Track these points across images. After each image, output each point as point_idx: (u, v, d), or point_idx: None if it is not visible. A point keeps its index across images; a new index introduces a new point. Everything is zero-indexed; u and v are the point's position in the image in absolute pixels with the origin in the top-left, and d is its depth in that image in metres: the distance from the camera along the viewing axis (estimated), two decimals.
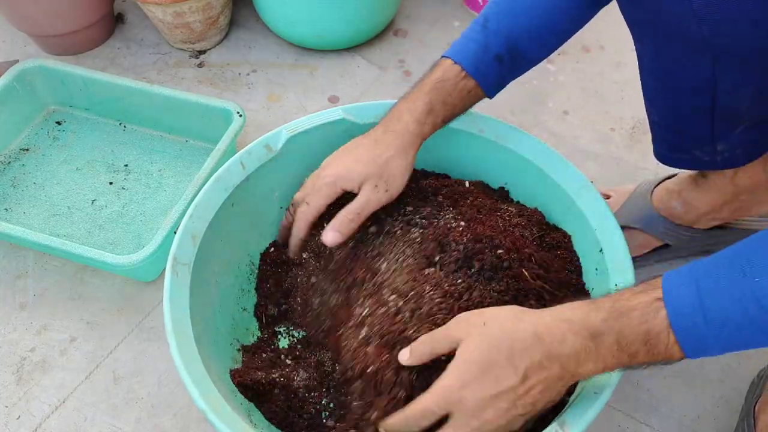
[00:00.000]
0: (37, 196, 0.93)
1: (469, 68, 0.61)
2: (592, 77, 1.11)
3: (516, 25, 0.61)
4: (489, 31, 0.61)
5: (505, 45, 0.61)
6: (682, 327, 0.41)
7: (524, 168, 0.72)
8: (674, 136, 0.66)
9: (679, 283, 0.42)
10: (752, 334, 0.40)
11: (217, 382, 0.56)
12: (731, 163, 0.66)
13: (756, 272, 0.39)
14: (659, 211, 0.80)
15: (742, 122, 0.60)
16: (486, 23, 0.62)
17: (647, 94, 0.66)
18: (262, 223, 0.75)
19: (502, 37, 0.61)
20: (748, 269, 0.39)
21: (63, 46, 1.13)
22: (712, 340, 0.40)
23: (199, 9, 1.06)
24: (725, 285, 0.40)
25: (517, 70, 0.64)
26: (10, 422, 0.74)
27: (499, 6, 0.62)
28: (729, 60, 0.52)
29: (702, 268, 0.42)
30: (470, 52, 0.61)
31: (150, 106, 0.97)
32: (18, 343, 0.80)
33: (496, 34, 0.61)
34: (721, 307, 0.40)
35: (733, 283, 0.40)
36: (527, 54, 0.63)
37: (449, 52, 0.63)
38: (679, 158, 0.69)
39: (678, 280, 0.42)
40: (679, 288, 0.41)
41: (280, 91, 1.10)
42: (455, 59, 0.62)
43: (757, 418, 0.67)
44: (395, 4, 1.14)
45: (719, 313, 0.40)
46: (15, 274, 0.87)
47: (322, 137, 0.73)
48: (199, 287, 0.62)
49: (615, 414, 0.74)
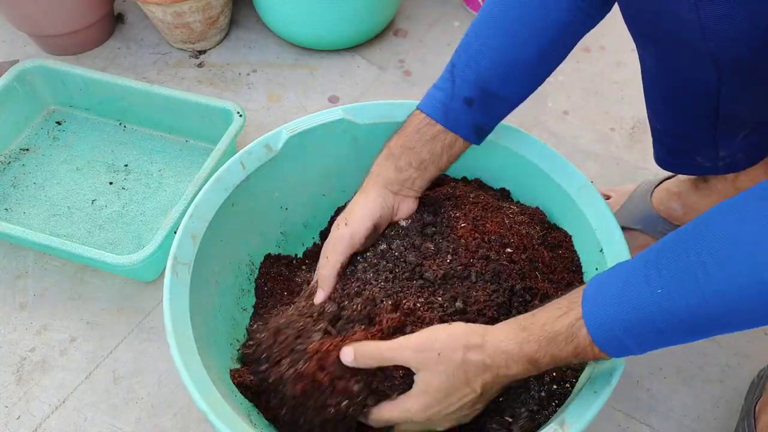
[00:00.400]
0: (37, 196, 0.93)
1: (434, 114, 0.61)
2: (592, 77, 1.11)
3: (483, 67, 0.60)
4: (456, 76, 0.61)
5: (472, 88, 0.60)
6: (602, 340, 0.45)
7: (524, 168, 0.71)
8: (676, 142, 0.67)
9: (597, 299, 0.46)
10: (667, 339, 0.44)
11: (217, 383, 0.56)
12: (732, 168, 0.66)
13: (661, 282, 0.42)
14: (659, 212, 0.80)
15: (744, 128, 0.60)
16: (453, 69, 0.61)
17: (649, 101, 0.66)
18: (262, 223, 0.75)
19: (467, 81, 0.60)
20: (654, 278, 0.42)
21: (63, 46, 1.13)
22: (633, 346, 0.45)
23: (199, 9, 1.06)
24: (635, 296, 0.43)
25: (495, 111, 0.63)
26: (10, 422, 0.74)
27: (466, 53, 0.61)
28: (734, 70, 0.52)
29: (616, 277, 0.46)
30: (436, 100, 0.62)
31: (150, 106, 0.97)
32: (18, 343, 0.80)
33: (462, 79, 0.61)
34: (634, 318, 0.43)
35: (641, 294, 0.43)
36: (500, 93, 0.61)
37: (420, 103, 0.63)
38: (680, 164, 0.69)
39: (596, 296, 0.46)
40: (596, 304, 0.45)
41: (280, 91, 1.10)
42: (421, 108, 0.62)
43: (757, 418, 0.67)
44: (395, 4, 1.14)
45: (633, 324, 0.43)
46: (15, 274, 0.87)
47: (322, 137, 0.73)
48: (199, 287, 0.62)
49: (615, 414, 0.74)
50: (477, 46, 0.60)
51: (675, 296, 0.41)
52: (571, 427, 0.51)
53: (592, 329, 0.45)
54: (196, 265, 0.62)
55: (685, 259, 0.41)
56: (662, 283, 0.42)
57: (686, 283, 0.41)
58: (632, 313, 0.43)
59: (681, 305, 0.41)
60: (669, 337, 0.43)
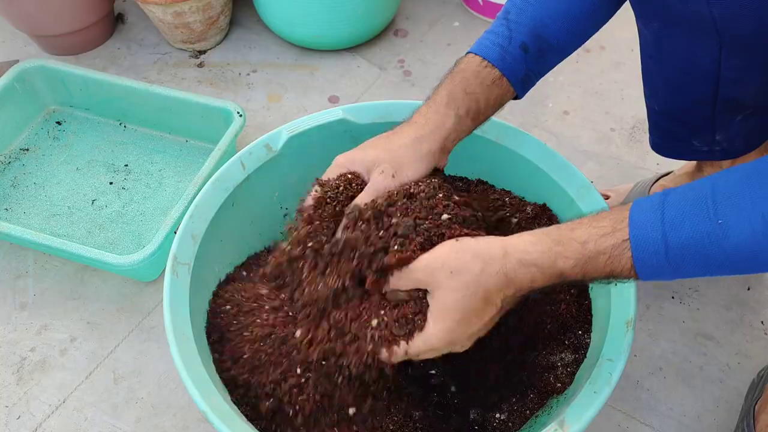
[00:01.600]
0: (37, 196, 0.93)
1: (491, 58, 0.57)
2: (592, 77, 1.11)
3: (539, 13, 0.58)
4: (511, 21, 0.58)
5: (529, 33, 0.58)
6: (644, 266, 0.43)
7: (524, 168, 0.71)
8: (673, 124, 0.66)
9: (645, 221, 0.43)
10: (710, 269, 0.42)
11: (217, 383, 0.56)
12: (729, 153, 0.65)
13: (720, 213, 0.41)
14: None
15: (742, 111, 0.60)
16: (507, 15, 0.59)
17: (648, 82, 0.65)
18: (262, 223, 0.75)
19: (524, 25, 0.58)
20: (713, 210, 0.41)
21: (63, 46, 1.13)
22: (670, 273, 0.43)
23: (199, 9, 1.06)
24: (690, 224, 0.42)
25: (546, 60, 0.61)
26: (10, 422, 0.74)
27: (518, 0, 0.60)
28: (734, 46, 0.52)
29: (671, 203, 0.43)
30: (492, 43, 0.58)
31: (150, 106, 0.97)
32: (18, 343, 0.80)
33: (518, 24, 0.58)
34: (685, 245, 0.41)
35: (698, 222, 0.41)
36: (553, 41, 0.59)
37: (473, 47, 0.59)
38: (676, 148, 0.68)
39: (644, 218, 0.43)
40: (646, 227, 0.43)
41: (280, 91, 1.10)
42: (476, 51, 0.58)
43: (757, 418, 0.67)
44: (395, 4, 1.14)
45: (681, 252, 0.42)
46: (15, 274, 0.87)
47: (322, 137, 0.73)
48: (199, 287, 0.62)
49: (615, 414, 0.74)
50: None
51: (732, 229, 0.40)
52: (571, 427, 0.51)
53: (636, 255, 0.43)
54: (196, 265, 0.62)
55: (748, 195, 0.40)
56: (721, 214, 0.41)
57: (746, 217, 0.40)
58: (686, 239, 0.41)
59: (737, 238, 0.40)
60: (712, 269, 0.42)
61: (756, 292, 0.84)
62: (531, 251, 0.46)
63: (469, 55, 0.59)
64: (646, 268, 0.43)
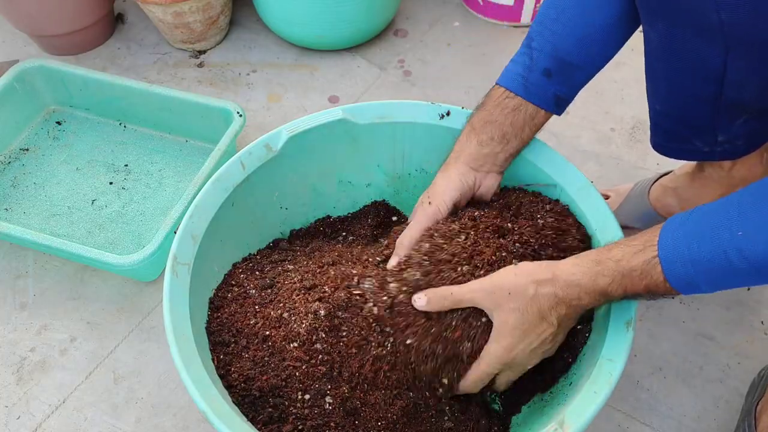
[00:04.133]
0: (37, 196, 0.93)
1: (512, 87, 0.62)
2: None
3: (557, 39, 0.61)
4: (533, 49, 0.62)
5: (549, 58, 0.62)
6: (676, 278, 0.46)
7: (524, 168, 0.71)
8: (675, 124, 0.66)
9: (675, 238, 0.47)
10: (739, 280, 0.45)
11: (216, 383, 0.56)
12: (730, 154, 0.65)
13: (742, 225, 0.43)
14: (657, 209, 0.80)
15: (745, 113, 0.60)
16: (530, 43, 0.63)
17: (650, 81, 0.65)
18: (262, 223, 0.75)
19: (545, 51, 0.61)
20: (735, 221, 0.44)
21: (63, 46, 1.13)
22: (703, 284, 0.46)
23: (199, 9, 1.06)
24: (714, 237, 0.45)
25: (573, 79, 0.64)
26: (10, 422, 0.74)
27: (542, 25, 0.62)
28: (741, 50, 0.52)
29: (695, 220, 0.47)
30: (514, 73, 0.63)
31: (150, 106, 0.97)
32: (18, 343, 0.80)
33: (539, 51, 0.62)
34: (710, 258, 0.45)
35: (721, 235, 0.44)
36: (575, 62, 0.62)
37: (499, 78, 0.64)
38: (677, 148, 0.69)
39: (672, 236, 0.47)
40: (673, 244, 0.47)
41: (280, 91, 1.10)
42: (500, 82, 0.64)
43: (758, 418, 0.67)
44: (395, 4, 1.14)
45: (707, 263, 0.45)
46: (15, 274, 0.87)
47: (322, 137, 0.73)
48: (199, 287, 0.62)
49: (615, 414, 0.74)
50: (552, 17, 0.61)
51: (755, 240, 0.42)
52: (571, 427, 0.51)
53: (666, 268, 0.46)
54: (196, 265, 0.62)
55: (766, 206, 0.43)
56: (743, 225, 0.43)
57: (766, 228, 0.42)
58: (709, 253, 0.44)
59: (759, 249, 0.42)
60: (741, 279, 0.45)
61: (756, 292, 0.84)
62: (575, 272, 0.51)
63: (494, 87, 0.64)
64: (679, 281, 0.46)
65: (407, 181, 0.80)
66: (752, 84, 0.56)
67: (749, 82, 0.55)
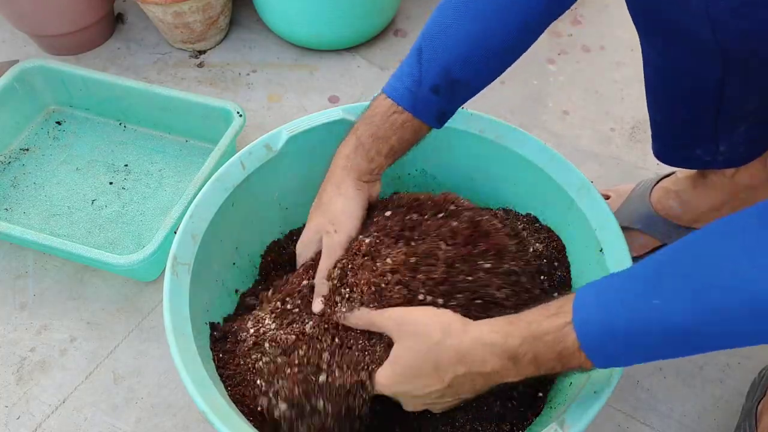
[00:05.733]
0: (37, 196, 0.93)
1: (402, 102, 0.61)
2: (592, 77, 1.11)
3: (451, 56, 0.59)
4: (423, 62, 0.60)
5: (440, 75, 0.59)
6: (590, 346, 0.44)
7: (524, 168, 0.71)
8: (676, 134, 0.66)
9: (588, 305, 0.44)
10: (655, 352, 0.43)
11: (216, 382, 0.56)
12: (732, 162, 0.65)
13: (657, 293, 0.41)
14: (658, 211, 0.80)
15: (746, 123, 0.60)
16: (420, 54, 0.60)
17: (651, 93, 0.66)
18: (262, 223, 0.75)
19: (436, 67, 0.59)
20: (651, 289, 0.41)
21: (63, 46, 1.13)
22: (621, 357, 0.44)
23: (199, 9, 1.06)
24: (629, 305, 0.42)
25: (459, 97, 0.63)
26: (10, 422, 0.74)
27: (432, 36, 0.60)
28: (738, 67, 0.52)
29: (611, 286, 0.44)
30: (404, 86, 0.61)
31: (150, 106, 0.97)
32: (18, 343, 0.80)
33: (430, 65, 0.59)
34: (626, 328, 0.42)
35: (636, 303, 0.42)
36: (464, 81, 0.61)
37: (385, 86, 0.62)
38: (679, 157, 0.69)
39: (588, 302, 0.44)
40: (588, 311, 0.44)
41: (280, 91, 1.10)
42: (388, 94, 0.62)
43: (759, 418, 0.67)
44: (395, 4, 1.14)
45: (624, 334, 0.42)
46: (15, 274, 0.87)
47: (322, 137, 0.73)
48: (199, 287, 0.62)
49: (615, 414, 0.74)
50: (445, 32, 0.59)
51: (671, 309, 0.40)
52: (571, 427, 0.51)
53: (581, 334, 0.43)
54: (196, 265, 0.63)
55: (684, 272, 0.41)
56: (659, 294, 0.41)
57: (684, 297, 0.40)
58: (625, 322, 0.42)
59: (677, 319, 0.40)
60: (658, 350, 0.42)
61: None
62: (486, 331, 0.48)
63: (381, 97, 0.62)
64: (593, 349, 0.43)
65: (407, 181, 0.80)
66: (752, 97, 0.56)
67: (749, 95, 0.56)
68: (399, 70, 0.62)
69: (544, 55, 1.13)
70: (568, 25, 1.19)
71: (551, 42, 1.16)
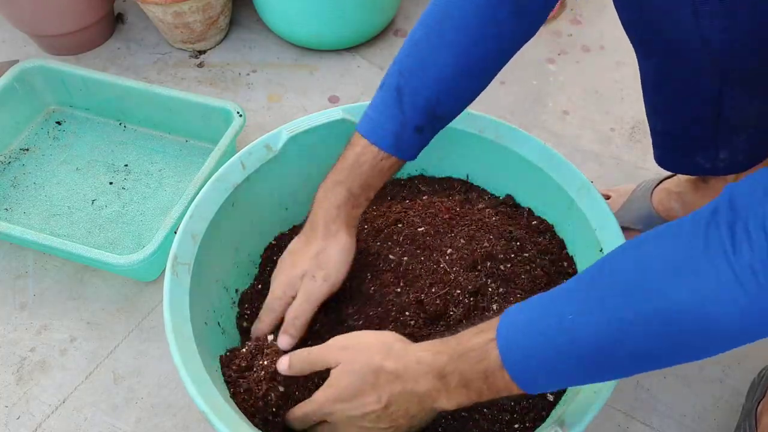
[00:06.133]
0: (37, 196, 0.93)
1: (389, 149, 0.60)
2: (592, 77, 1.11)
3: (431, 93, 0.58)
4: (405, 102, 0.59)
5: (423, 115, 0.59)
6: (513, 366, 0.43)
7: (524, 168, 0.72)
8: (675, 142, 0.67)
9: (513, 323, 0.44)
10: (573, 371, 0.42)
11: (217, 383, 0.56)
12: (732, 169, 0.66)
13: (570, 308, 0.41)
14: (659, 212, 0.80)
15: (746, 130, 0.60)
16: (401, 92, 0.59)
17: (649, 104, 0.66)
18: (262, 223, 0.75)
19: (418, 108, 0.59)
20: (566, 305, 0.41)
21: (63, 46, 1.13)
22: (541, 378, 0.43)
23: (199, 9, 1.06)
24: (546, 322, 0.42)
25: (437, 130, 0.63)
26: (10, 422, 0.74)
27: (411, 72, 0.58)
28: (735, 78, 0.52)
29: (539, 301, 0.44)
30: (387, 131, 0.60)
31: (150, 106, 0.97)
32: (18, 343, 0.80)
33: (412, 106, 0.59)
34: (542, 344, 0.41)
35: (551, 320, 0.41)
36: (446, 116, 0.62)
37: (364, 130, 0.61)
38: (680, 164, 0.69)
39: (513, 320, 0.44)
40: (512, 328, 0.44)
41: (280, 91, 1.10)
42: (372, 140, 0.60)
43: (759, 418, 0.67)
44: (395, 4, 1.14)
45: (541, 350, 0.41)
46: (15, 274, 0.87)
47: (322, 137, 0.73)
48: (199, 287, 0.62)
49: (615, 414, 0.74)
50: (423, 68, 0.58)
51: (582, 323, 0.40)
52: (571, 427, 0.51)
53: (503, 351, 0.43)
54: (196, 265, 0.63)
55: (596, 287, 0.40)
56: (572, 309, 0.41)
57: (594, 310, 0.39)
58: (541, 338, 0.41)
59: (588, 332, 0.39)
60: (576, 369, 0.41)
61: None
62: (422, 348, 0.49)
63: (362, 142, 0.61)
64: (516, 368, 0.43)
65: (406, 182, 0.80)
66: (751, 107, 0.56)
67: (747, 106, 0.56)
68: (377, 112, 0.61)
69: (544, 55, 1.13)
70: (568, 25, 1.19)
71: (551, 42, 1.16)
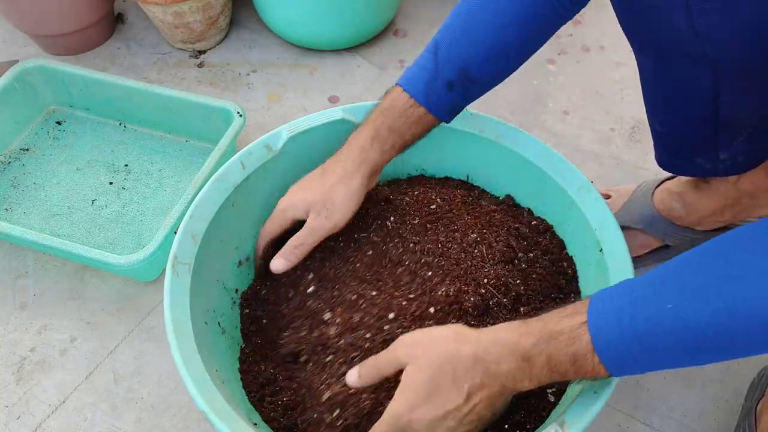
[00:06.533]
0: (37, 196, 0.93)
1: (418, 96, 0.62)
2: (592, 77, 1.11)
3: (466, 53, 0.60)
4: (439, 59, 0.61)
5: (455, 72, 0.61)
6: (604, 351, 0.43)
7: (524, 168, 0.72)
8: (676, 144, 0.67)
9: (603, 308, 0.44)
10: (668, 357, 0.42)
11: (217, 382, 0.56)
12: (733, 170, 0.66)
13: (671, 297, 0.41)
14: (660, 212, 0.80)
15: (745, 131, 0.60)
16: (437, 51, 0.61)
17: (648, 104, 0.66)
18: (262, 223, 0.75)
19: (452, 64, 0.61)
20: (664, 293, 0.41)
21: (63, 46, 1.13)
22: (633, 362, 0.43)
23: (199, 9, 1.06)
24: (643, 308, 0.42)
25: (470, 95, 0.64)
26: (10, 422, 0.74)
27: (450, 33, 0.61)
28: (730, 75, 0.53)
29: (628, 290, 0.44)
30: (420, 81, 0.62)
31: (150, 106, 0.97)
32: (18, 343, 0.80)
33: (446, 62, 0.61)
34: (642, 332, 0.42)
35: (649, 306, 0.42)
36: (478, 79, 0.62)
37: (401, 80, 0.63)
38: (680, 165, 0.69)
39: (603, 305, 0.44)
40: (603, 312, 0.44)
41: (280, 91, 1.10)
42: (405, 87, 0.62)
43: (759, 418, 0.67)
44: (395, 4, 1.14)
45: (637, 336, 0.42)
46: (15, 274, 0.87)
47: (322, 137, 0.73)
48: (199, 287, 0.62)
49: (615, 414, 0.74)
50: (461, 30, 0.61)
51: (684, 312, 0.40)
52: (571, 427, 0.51)
53: (595, 336, 0.43)
54: (197, 264, 0.63)
55: (698, 277, 0.41)
56: (673, 298, 0.41)
57: (697, 300, 0.40)
58: (638, 324, 0.42)
59: (690, 322, 0.40)
60: (671, 355, 0.42)
61: None
62: (500, 330, 0.48)
63: (397, 89, 0.63)
64: (607, 353, 0.43)
65: None
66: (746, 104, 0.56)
67: (745, 106, 0.56)
68: (415, 65, 0.63)
69: (544, 55, 1.13)
70: (568, 25, 1.18)
71: (551, 42, 1.15)
